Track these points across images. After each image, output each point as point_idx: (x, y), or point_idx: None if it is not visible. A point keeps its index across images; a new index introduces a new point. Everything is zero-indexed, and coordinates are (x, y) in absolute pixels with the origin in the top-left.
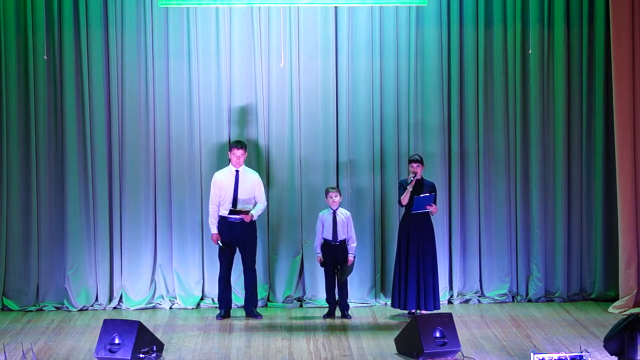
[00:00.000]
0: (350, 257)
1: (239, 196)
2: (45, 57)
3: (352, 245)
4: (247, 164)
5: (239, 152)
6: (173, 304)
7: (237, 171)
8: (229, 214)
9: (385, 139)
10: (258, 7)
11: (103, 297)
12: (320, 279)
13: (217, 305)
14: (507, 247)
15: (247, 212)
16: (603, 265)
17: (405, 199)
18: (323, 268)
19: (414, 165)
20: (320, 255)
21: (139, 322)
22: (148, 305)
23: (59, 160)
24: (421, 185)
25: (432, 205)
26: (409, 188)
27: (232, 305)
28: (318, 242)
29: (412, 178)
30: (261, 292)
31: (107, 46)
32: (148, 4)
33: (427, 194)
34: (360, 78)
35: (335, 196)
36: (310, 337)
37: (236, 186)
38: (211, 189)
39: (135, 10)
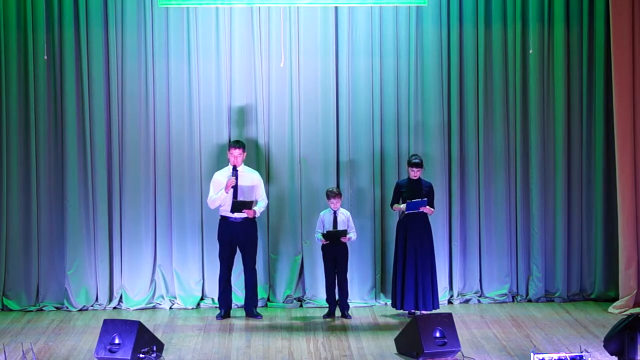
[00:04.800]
0: (348, 237)
1: (239, 194)
2: (45, 57)
3: (351, 233)
4: (247, 163)
5: (236, 152)
6: (173, 304)
7: (236, 171)
8: (232, 208)
9: (385, 139)
10: (258, 7)
11: (103, 297)
12: (320, 279)
13: (217, 305)
14: (507, 247)
15: (250, 205)
16: (603, 265)
17: (395, 209)
18: (324, 268)
19: (415, 169)
20: (320, 238)
21: (139, 322)
22: (148, 305)
23: (59, 160)
24: (419, 185)
25: (426, 207)
26: (402, 209)
27: (232, 305)
28: (317, 231)
29: (402, 211)
30: (261, 292)
31: (107, 46)
32: (148, 4)
33: (419, 200)
34: (360, 78)
35: (337, 202)
36: (310, 337)
37: (236, 185)
38: (210, 189)
39: (135, 10)
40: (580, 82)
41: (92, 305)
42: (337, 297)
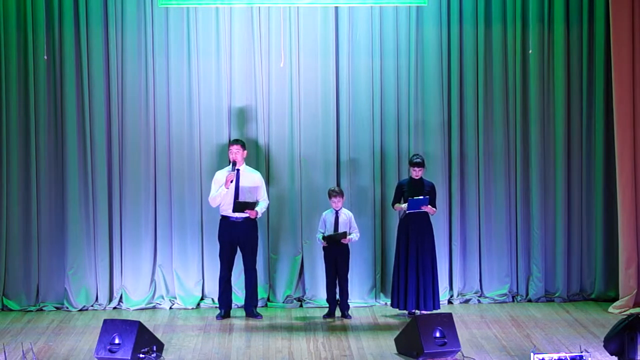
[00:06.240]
0: (349, 238)
1: (240, 195)
2: (45, 57)
3: (353, 234)
4: (247, 163)
5: (234, 148)
6: (173, 304)
7: (237, 170)
8: (234, 209)
9: (386, 139)
10: (258, 7)
11: (103, 297)
12: (321, 279)
13: (217, 305)
14: (507, 247)
15: (252, 205)
16: (603, 265)
17: (397, 209)
18: (324, 268)
19: (416, 169)
20: (320, 239)
21: (139, 322)
22: (148, 305)
23: (59, 160)
24: (421, 185)
25: (427, 206)
26: (403, 208)
27: (232, 305)
28: (319, 231)
29: (403, 210)
30: (261, 292)
31: (107, 46)
32: (148, 3)
33: (421, 197)
34: (360, 78)
35: (339, 201)
36: (310, 337)
37: (237, 185)
38: (212, 187)
39: (135, 10)
40: (580, 82)
41: (92, 305)
42: (337, 297)
